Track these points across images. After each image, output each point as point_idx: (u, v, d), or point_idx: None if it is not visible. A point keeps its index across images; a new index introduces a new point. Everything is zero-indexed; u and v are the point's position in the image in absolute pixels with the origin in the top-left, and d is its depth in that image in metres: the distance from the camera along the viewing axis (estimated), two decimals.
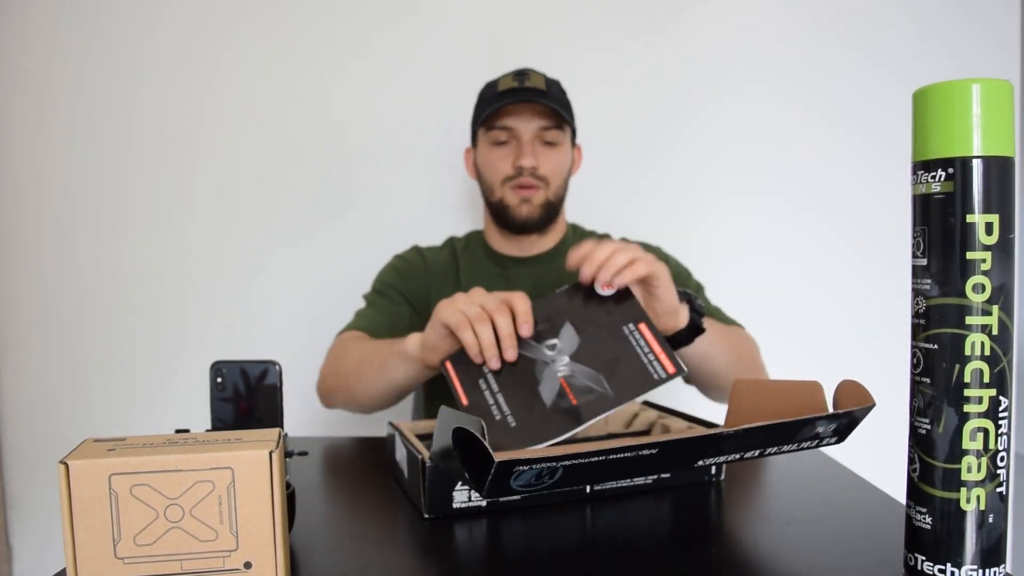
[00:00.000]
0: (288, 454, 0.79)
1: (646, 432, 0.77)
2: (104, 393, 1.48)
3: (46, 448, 1.49)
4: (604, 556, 0.52)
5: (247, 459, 0.42)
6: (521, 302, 0.71)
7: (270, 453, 0.42)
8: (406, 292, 1.09)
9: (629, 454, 0.47)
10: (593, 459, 0.46)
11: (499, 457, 0.43)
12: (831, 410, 0.56)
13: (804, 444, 0.55)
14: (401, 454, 0.68)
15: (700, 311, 0.82)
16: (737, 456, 0.53)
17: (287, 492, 0.51)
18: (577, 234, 1.16)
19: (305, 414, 1.43)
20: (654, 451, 0.48)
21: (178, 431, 0.52)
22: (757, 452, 0.53)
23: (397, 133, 1.46)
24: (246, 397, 0.65)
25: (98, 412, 1.48)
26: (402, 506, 0.64)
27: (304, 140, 1.46)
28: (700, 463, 0.54)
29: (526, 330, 0.70)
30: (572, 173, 1.11)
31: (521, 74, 1.04)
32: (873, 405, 0.52)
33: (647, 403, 0.85)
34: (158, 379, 1.48)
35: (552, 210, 1.07)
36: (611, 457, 0.47)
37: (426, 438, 0.71)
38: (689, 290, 0.84)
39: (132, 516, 0.41)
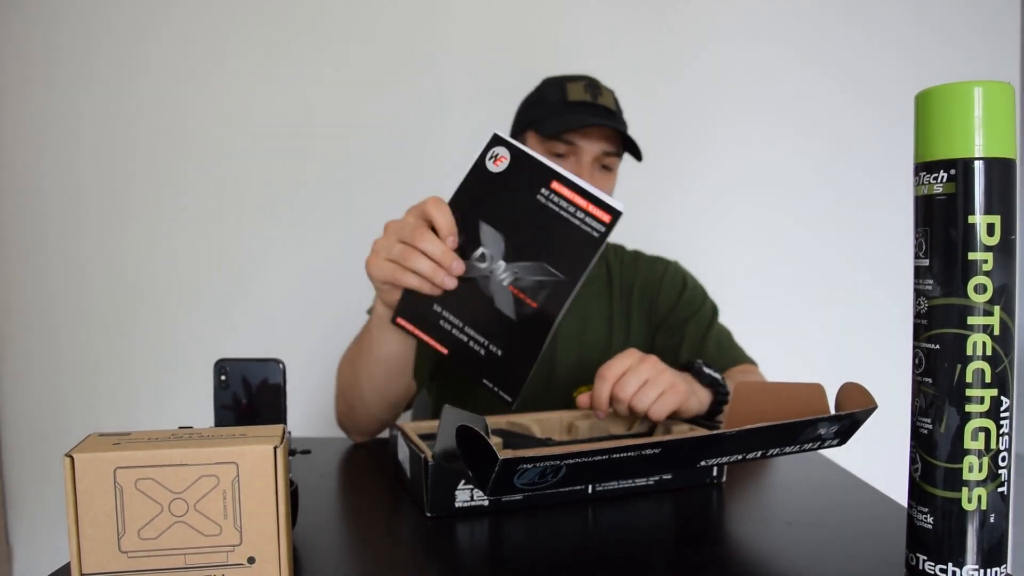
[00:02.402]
0: (291, 452, 0.79)
1: (648, 434, 0.77)
2: (105, 392, 1.48)
3: (47, 448, 1.49)
4: (605, 556, 0.52)
5: (252, 454, 0.42)
6: (437, 211, 0.66)
7: (275, 448, 0.42)
8: None
9: (632, 453, 0.47)
10: (597, 458, 0.47)
11: (503, 455, 0.43)
12: (833, 412, 0.56)
13: (806, 446, 0.55)
14: (404, 454, 0.69)
15: (721, 390, 0.81)
16: (739, 457, 0.53)
17: (290, 489, 0.51)
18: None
19: (308, 413, 1.43)
20: (657, 451, 0.48)
21: (181, 428, 0.52)
22: (759, 453, 0.54)
23: (404, 134, 1.47)
24: (249, 395, 0.65)
25: (99, 411, 1.48)
26: (404, 505, 0.64)
27: (310, 138, 1.46)
28: (702, 463, 0.54)
29: (452, 241, 0.65)
30: None
31: (593, 86, 0.99)
32: (875, 407, 0.52)
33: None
34: (160, 378, 1.48)
35: None
36: (614, 456, 0.47)
37: (428, 438, 0.71)
38: (702, 365, 0.82)
39: (136, 510, 0.41)
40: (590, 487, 0.64)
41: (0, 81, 1.45)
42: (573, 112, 0.97)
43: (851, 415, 0.53)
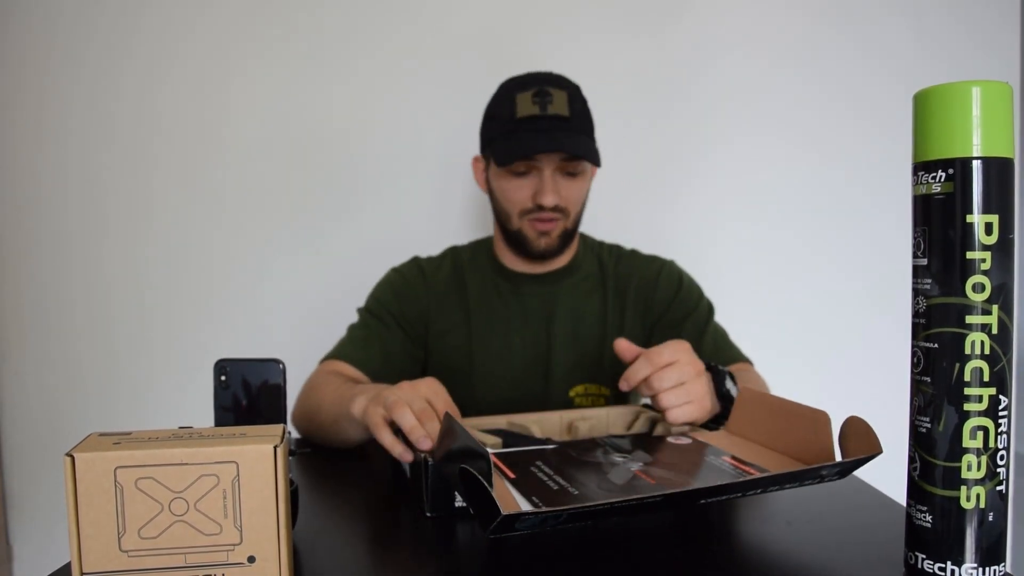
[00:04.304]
0: (291, 452, 0.79)
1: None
2: (105, 392, 1.48)
3: (47, 448, 1.49)
4: (605, 554, 0.52)
5: (252, 453, 0.42)
6: (443, 403, 0.69)
7: (275, 448, 0.42)
8: (401, 316, 1.05)
9: (635, 503, 0.47)
10: (599, 508, 0.47)
11: (506, 511, 0.42)
12: (836, 445, 0.56)
13: (806, 482, 0.55)
14: None
15: (727, 395, 0.80)
16: (739, 494, 0.53)
17: (290, 489, 0.52)
18: (588, 246, 1.12)
19: None
20: (658, 499, 0.48)
21: (182, 428, 0.52)
22: (759, 490, 0.54)
23: (402, 136, 1.47)
24: (250, 395, 0.65)
25: (99, 412, 1.48)
26: (404, 505, 0.64)
27: (310, 141, 1.46)
28: (702, 502, 0.54)
29: (426, 443, 0.62)
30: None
31: (542, 94, 0.95)
32: (880, 453, 0.51)
33: (647, 406, 0.85)
34: (160, 378, 1.48)
35: (570, 237, 1.04)
36: (616, 506, 0.47)
37: None
38: (726, 376, 0.80)
39: (137, 509, 0.41)
40: None
41: (2, 81, 1.45)
42: (522, 132, 0.94)
43: (855, 461, 0.52)
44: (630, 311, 1.07)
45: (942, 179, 0.44)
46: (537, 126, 0.94)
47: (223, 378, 0.64)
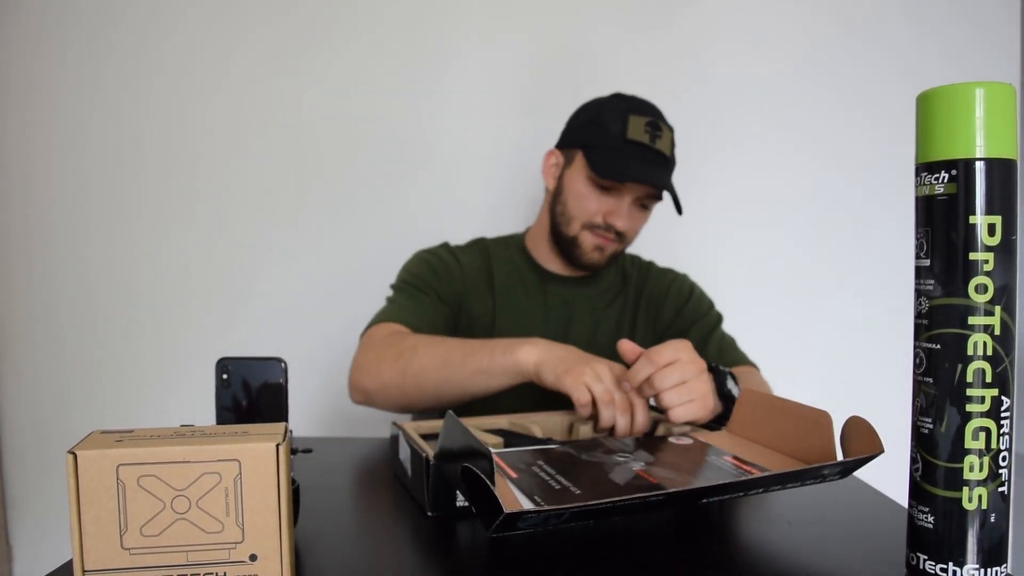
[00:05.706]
0: (292, 451, 0.79)
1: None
2: (108, 390, 1.48)
3: (47, 447, 1.49)
4: (605, 555, 0.52)
5: (254, 451, 0.42)
6: (642, 416, 0.75)
7: (277, 446, 0.42)
8: (441, 291, 1.03)
9: (637, 502, 0.47)
10: (601, 507, 0.47)
11: (508, 509, 0.42)
12: (838, 445, 0.56)
13: (808, 482, 0.55)
14: (405, 453, 0.69)
15: (729, 395, 0.80)
16: (741, 494, 0.53)
17: (292, 488, 0.51)
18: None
19: (310, 413, 1.43)
20: (661, 498, 0.48)
21: (183, 426, 0.52)
22: (761, 490, 0.54)
23: (410, 134, 1.47)
24: (251, 394, 0.65)
25: (100, 411, 1.48)
26: (405, 504, 0.64)
27: (315, 140, 1.47)
28: (704, 501, 0.53)
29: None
30: None
31: (655, 126, 0.98)
32: (881, 452, 0.51)
33: (651, 406, 0.85)
34: (162, 377, 1.48)
35: (616, 258, 1.06)
36: (619, 505, 0.47)
37: (430, 438, 0.71)
38: (727, 377, 0.80)
39: (139, 507, 0.41)
40: None
41: (6, 81, 1.46)
42: (628, 155, 0.97)
43: (858, 460, 0.52)
44: (641, 320, 1.09)
45: (945, 180, 0.44)
46: (644, 155, 0.97)
47: (225, 377, 0.64)
